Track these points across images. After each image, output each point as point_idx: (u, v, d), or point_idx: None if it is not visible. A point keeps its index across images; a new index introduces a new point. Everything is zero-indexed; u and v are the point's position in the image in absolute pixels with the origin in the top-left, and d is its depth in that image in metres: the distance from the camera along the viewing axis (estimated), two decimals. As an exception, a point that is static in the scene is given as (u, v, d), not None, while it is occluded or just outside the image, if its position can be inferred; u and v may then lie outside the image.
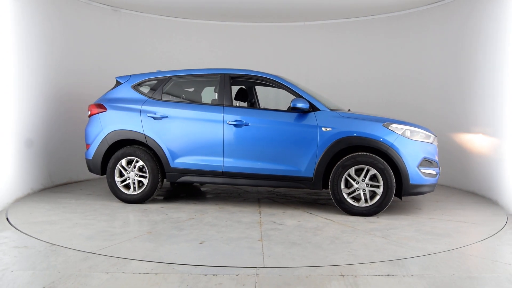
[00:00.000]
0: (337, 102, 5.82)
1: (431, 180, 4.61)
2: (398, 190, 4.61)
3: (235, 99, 5.21)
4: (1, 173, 4.93)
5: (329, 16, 7.72)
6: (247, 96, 5.45)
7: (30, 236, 3.77)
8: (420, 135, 4.64)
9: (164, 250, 3.46)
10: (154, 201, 5.33)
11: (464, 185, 6.31)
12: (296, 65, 8.11)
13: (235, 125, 4.84)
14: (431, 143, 4.71)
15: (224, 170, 4.87)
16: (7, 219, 4.34)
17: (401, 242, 3.70)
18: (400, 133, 4.55)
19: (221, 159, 4.87)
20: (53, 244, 3.53)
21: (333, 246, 3.58)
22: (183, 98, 5.38)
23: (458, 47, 6.41)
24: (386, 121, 4.64)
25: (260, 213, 4.76)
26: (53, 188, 6.02)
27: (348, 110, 5.16)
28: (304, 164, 4.69)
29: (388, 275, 2.98)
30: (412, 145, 4.55)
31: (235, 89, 5.38)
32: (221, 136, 4.86)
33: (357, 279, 2.89)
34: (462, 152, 6.29)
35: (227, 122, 4.86)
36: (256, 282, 2.82)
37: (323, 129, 4.66)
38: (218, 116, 4.90)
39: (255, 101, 6.00)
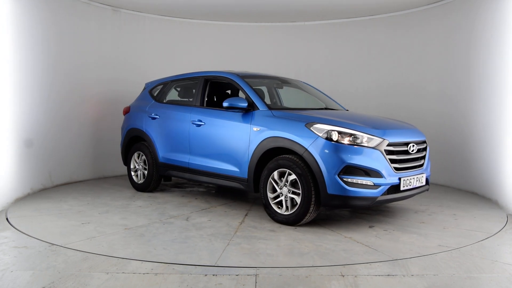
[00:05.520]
0: (338, 102, 5.82)
1: (362, 192, 3.86)
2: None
3: None
4: (1, 173, 4.93)
5: (329, 16, 7.71)
6: (263, 96, 5.27)
7: (30, 236, 3.77)
8: (352, 138, 3.93)
9: (46, 224, 4.17)
10: (161, 190, 6.04)
11: (464, 185, 6.31)
12: (296, 65, 8.10)
13: (197, 125, 5.10)
14: (373, 148, 3.95)
15: (189, 166, 5.21)
16: (7, 219, 4.34)
17: (226, 253, 3.40)
18: (320, 135, 3.97)
19: (188, 156, 5.22)
20: (53, 244, 3.53)
21: (156, 242, 3.65)
22: (176, 100, 5.84)
23: (459, 47, 6.41)
24: (311, 121, 4.12)
25: (203, 210, 4.86)
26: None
27: (324, 108, 5.18)
28: (241, 165, 4.58)
29: (388, 275, 2.98)
30: (333, 149, 3.89)
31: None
32: (187, 134, 5.20)
33: (357, 279, 2.89)
34: (462, 152, 6.29)
35: (191, 121, 5.16)
36: (256, 282, 2.82)
37: (254, 129, 4.47)
38: (187, 116, 5.26)
39: (276, 102, 5.92)
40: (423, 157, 4.50)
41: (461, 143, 6.32)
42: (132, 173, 6.00)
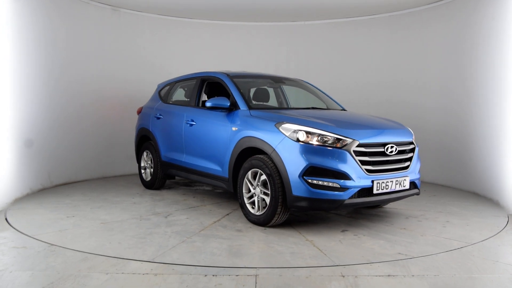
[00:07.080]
0: (337, 101, 5.81)
1: (328, 194, 3.69)
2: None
3: (252, 99, 5.14)
4: (0, 173, 4.91)
5: (329, 16, 7.71)
6: (268, 96, 5.14)
7: (29, 236, 3.76)
8: (319, 138, 3.80)
9: (34, 217, 4.39)
10: (168, 188, 6.20)
11: (464, 185, 6.30)
12: (296, 65, 8.09)
13: (189, 125, 5.15)
14: (339, 149, 3.76)
15: (185, 165, 5.27)
16: (6, 219, 4.33)
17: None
18: (287, 135, 3.87)
19: (184, 155, 5.29)
20: (52, 245, 3.52)
21: (117, 237, 3.77)
22: (178, 100, 5.87)
23: (459, 46, 6.40)
24: (280, 120, 4.04)
25: (190, 208, 4.90)
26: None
27: (312, 108, 5.02)
28: (222, 164, 4.58)
29: (388, 275, 2.97)
30: (298, 149, 3.77)
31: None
32: (182, 134, 5.26)
33: (358, 280, 2.88)
34: (463, 152, 6.28)
35: (186, 121, 5.23)
36: (256, 283, 2.81)
37: (233, 128, 4.44)
38: (183, 116, 5.32)
39: (281, 101, 5.90)
40: (408, 159, 4.20)
41: (463, 143, 6.31)
42: (142, 171, 6.20)
